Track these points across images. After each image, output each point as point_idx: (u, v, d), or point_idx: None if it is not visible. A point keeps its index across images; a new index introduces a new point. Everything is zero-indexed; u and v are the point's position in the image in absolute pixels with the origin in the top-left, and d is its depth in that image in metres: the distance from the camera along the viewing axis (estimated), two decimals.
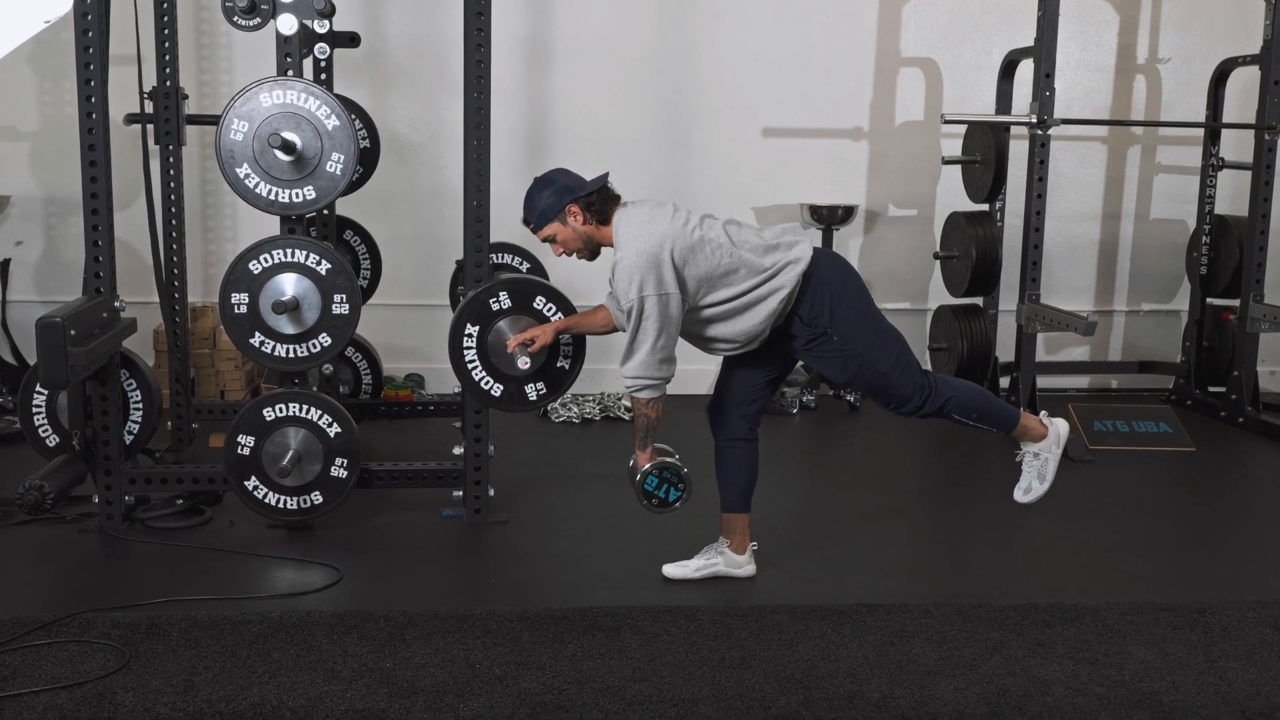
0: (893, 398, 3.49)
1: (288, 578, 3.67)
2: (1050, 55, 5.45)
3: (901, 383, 3.47)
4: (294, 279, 3.85)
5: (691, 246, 3.31)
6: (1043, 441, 3.65)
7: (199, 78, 5.92)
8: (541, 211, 3.44)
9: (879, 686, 2.96)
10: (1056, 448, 3.65)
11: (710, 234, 3.35)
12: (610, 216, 3.42)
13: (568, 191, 3.41)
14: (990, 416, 3.57)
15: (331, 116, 3.78)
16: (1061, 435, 3.66)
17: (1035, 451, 3.65)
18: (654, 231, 3.30)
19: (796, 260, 3.37)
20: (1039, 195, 5.53)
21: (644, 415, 3.45)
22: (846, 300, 3.41)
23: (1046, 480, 3.65)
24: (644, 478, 3.53)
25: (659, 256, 3.27)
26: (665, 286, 3.28)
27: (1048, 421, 3.67)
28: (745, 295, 3.36)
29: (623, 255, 3.33)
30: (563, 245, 3.48)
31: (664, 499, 3.55)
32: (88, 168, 3.81)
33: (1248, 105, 5.94)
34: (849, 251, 6.42)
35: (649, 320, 3.29)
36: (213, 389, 5.78)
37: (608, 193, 3.44)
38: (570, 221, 3.42)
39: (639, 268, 3.27)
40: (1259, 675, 3.08)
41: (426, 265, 5.98)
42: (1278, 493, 4.98)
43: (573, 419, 5.77)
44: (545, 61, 6.15)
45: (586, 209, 3.41)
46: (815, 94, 6.30)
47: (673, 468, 3.54)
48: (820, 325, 3.39)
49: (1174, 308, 6.70)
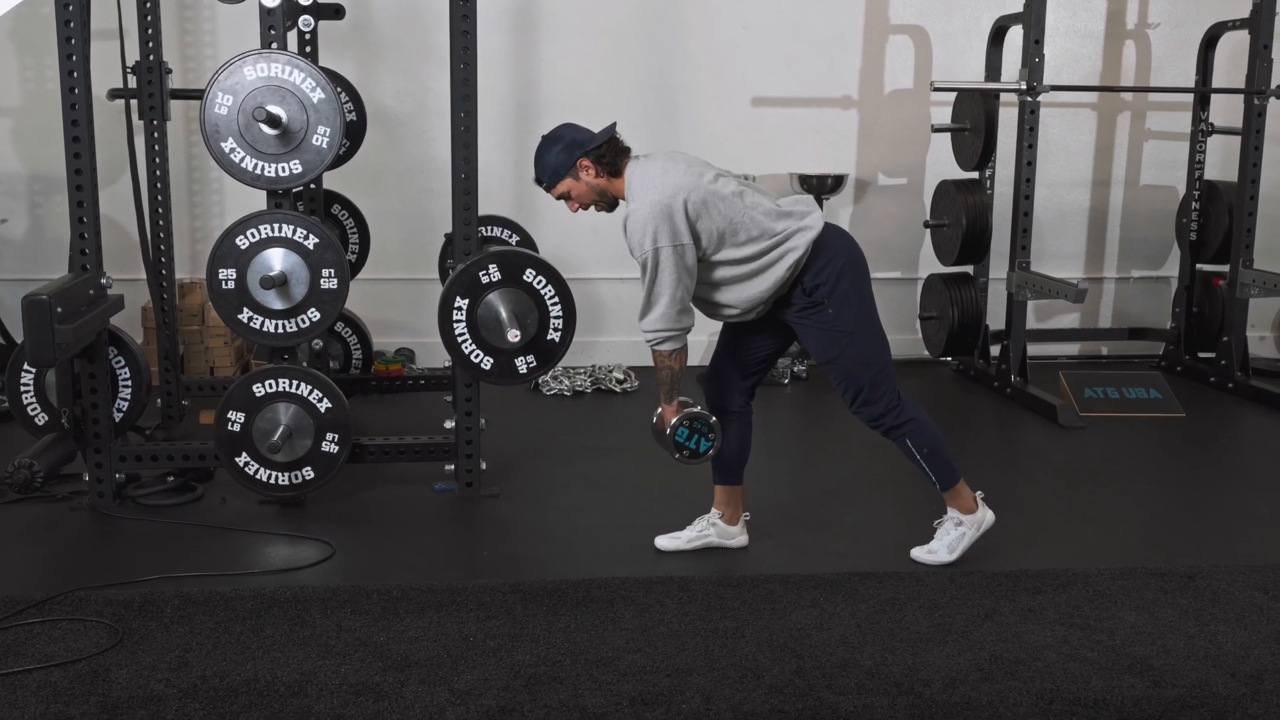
0: (864, 392, 3.43)
1: (280, 553, 3.67)
2: (1039, 21, 5.43)
3: (876, 383, 3.43)
4: (282, 254, 3.82)
5: (705, 200, 3.28)
6: (969, 516, 3.57)
7: (183, 52, 5.86)
8: (553, 169, 3.39)
9: (871, 654, 2.98)
10: (976, 530, 3.56)
11: (725, 190, 3.32)
12: (622, 168, 3.38)
13: (577, 146, 3.37)
14: (937, 461, 3.51)
15: (317, 89, 3.75)
16: (984, 523, 3.58)
17: (958, 520, 3.57)
18: (668, 183, 3.27)
19: (809, 228, 3.35)
20: (1029, 163, 5.51)
21: (667, 368, 3.40)
22: (850, 277, 3.38)
23: (955, 553, 3.55)
24: (674, 430, 3.47)
25: (672, 207, 3.24)
26: (680, 238, 3.24)
27: (980, 504, 3.60)
28: (756, 259, 3.32)
29: (635, 207, 3.29)
30: (578, 200, 3.43)
31: (695, 450, 3.49)
32: (71, 144, 3.77)
33: (1237, 70, 5.92)
34: (839, 220, 6.40)
35: (665, 272, 3.26)
36: (202, 365, 5.76)
37: (617, 144, 3.41)
38: (583, 176, 3.38)
39: (652, 218, 3.24)
40: (1249, 638, 3.10)
41: (415, 239, 5.96)
42: (1267, 457, 5.00)
43: (564, 391, 5.77)
44: (532, 32, 6.11)
45: (597, 162, 3.37)
46: (804, 63, 6.27)
47: (702, 417, 3.48)
48: (820, 295, 3.37)
49: (1164, 274, 6.70)
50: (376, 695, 2.73)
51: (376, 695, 2.73)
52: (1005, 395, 5.73)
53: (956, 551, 3.56)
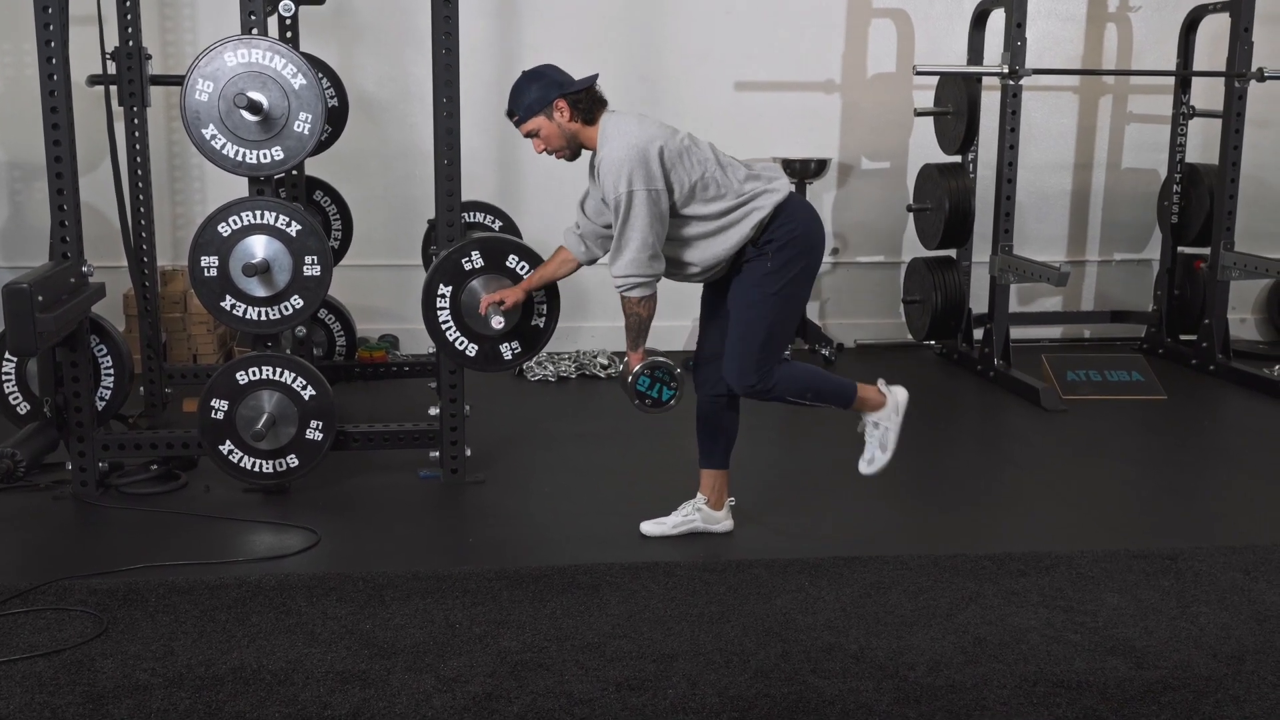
0: (745, 360, 3.41)
1: (265, 541, 3.66)
2: (1021, 5, 5.43)
3: (763, 354, 3.40)
4: (264, 241, 3.81)
5: (679, 151, 3.30)
6: (882, 410, 3.60)
7: (163, 38, 5.82)
8: (528, 105, 3.39)
9: (856, 638, 2.99)
10: (896, 415, 3.59)
11: (697, 147, 3.36)
12: (596, 118, 3.39)
13: (556, 86, 3.37)
14: (825, 395, 3.53)
15: (298, 75, 3.73)
16: (900, 403, 3.60)
17: (875, 421, 3.60)
18: (644, 131, 3.29)
19: (775, 190, 3.37)
20: (1011, 146, 5.53)
21: (635, 314, 3.41)
22: (800, 248, 3.39)
23: (888, 449, 3.59)
24: (636, 378, 3.48)
25: (648, 152, 3.25)
26: (654, 182, 3.25)
27: (886, 390, 3.62)
28: (723, 216, 3.35)
29: (610, 149, 3.29)
30: (545, 141, 3.43)
31: (657, 398, 3.50)
32: (50, 130, 3.74)
33: (1218, 53, 5.93)
34: (822, 205, 6.40)
35: (637, 215, 3.26)
36: (185, 353, 5.74)
37: (595, 93, 3.41)
38: (556, 117, 3.38)
39: (628, 160, 3.24)
40: (1230, 619, 3.12)
41: (399, 225, 5.93)
42: (1248, 439, 5.03)
43: (549, 377, 5.76)
44: (514, 17, 6.08)
45: (574, 106, 3.37)
46: (787, 47, 6.26)
47: (665, 366, 3.49)
48: (767, 249, 3.37)
49: (1145, 257, 6.73)
50: (363, 683, 2.73)
51: (363, 683, 2.73)
52: (988, 379, 5.76)
53: (889, 447, 3.60)
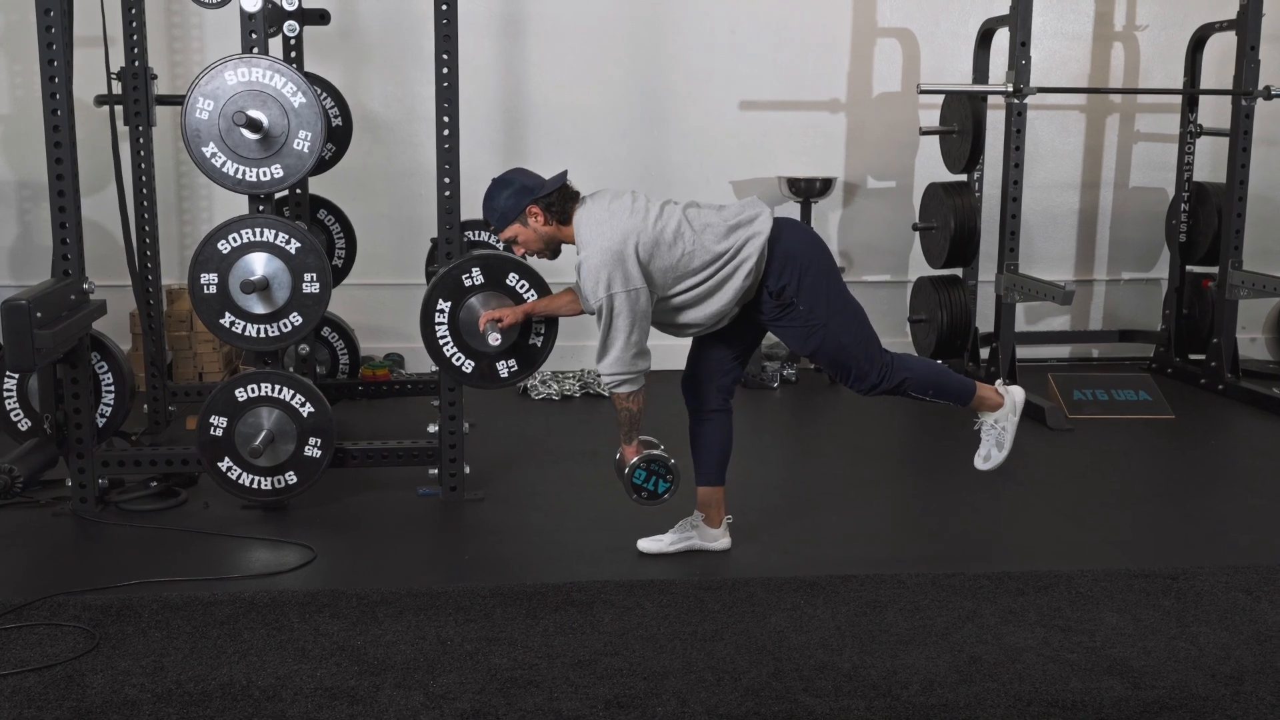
0: (853, 371, 3.50)
1: (261, 558, 3.66)
2: (1025, 23, 5.43)
3: (862, 357, 3.48)
4: (264, 258, 3.82)
5: (655, 240, 3.30)
6: (999, 410, 3.68)
7: (170, 58, 5.87)
8: (502, 213, 3.43)
9: (850, 656, 2.97)
10: (1014, 415, 3.68)
11: (671, 224, 3.34)
12: (571, 215, 3.41)
13: (527, 192, 3.40)
14: (947, 391, 3.60)
15: (298, 94, 3.75)
16: (1018, 402, 3.69)
17: (993, 421, 3.69)
18: (615, 228, 3.29)
19: (758, 233, 3.36)
20: (1016, 165, 5.51)
21: (625, 409, 3.45)
22: (814, 269, 3.40)
23: (1004, 447, 3.68)
24: (632, 471, 3.54)
25: (623, 253, 3.26)
26: (632, 282, 3.27)
27: (1004, 390, 3.69)
28: (712, 278, 3.35)
29: (587, 255, 3.32)
30: (524, 246, 3.48)
31: (653, 491, 3.58)
32: (52, 149, 3.77)
33: (1225, 71, 5.92)
34: (828, 224, 6.40)
35: (619, 318, 3.29)
36: (190, 371, 5.76)
37: (567, 191, 3.43)
38: (531, 223, 3.42)
39: (604, 265, 3.26)
40: (1230, 639, 3.09)
41: (404, 244, 5.95)
42: (1255, 458, 4.99)
43: (553, 396, 5.76)
44: (520, 37, 6.11)
45: (546, 209, 3.40)
46: (792, 66, 6.27)
47: (660, 460, 3.55)
48: (788, 296, 3.38)
49: (1154, 276, 6.70)
50: (351, 699, 2.72)
51: (351, 699, 2.72)
52: None
53: (1005, 445, 3.69)
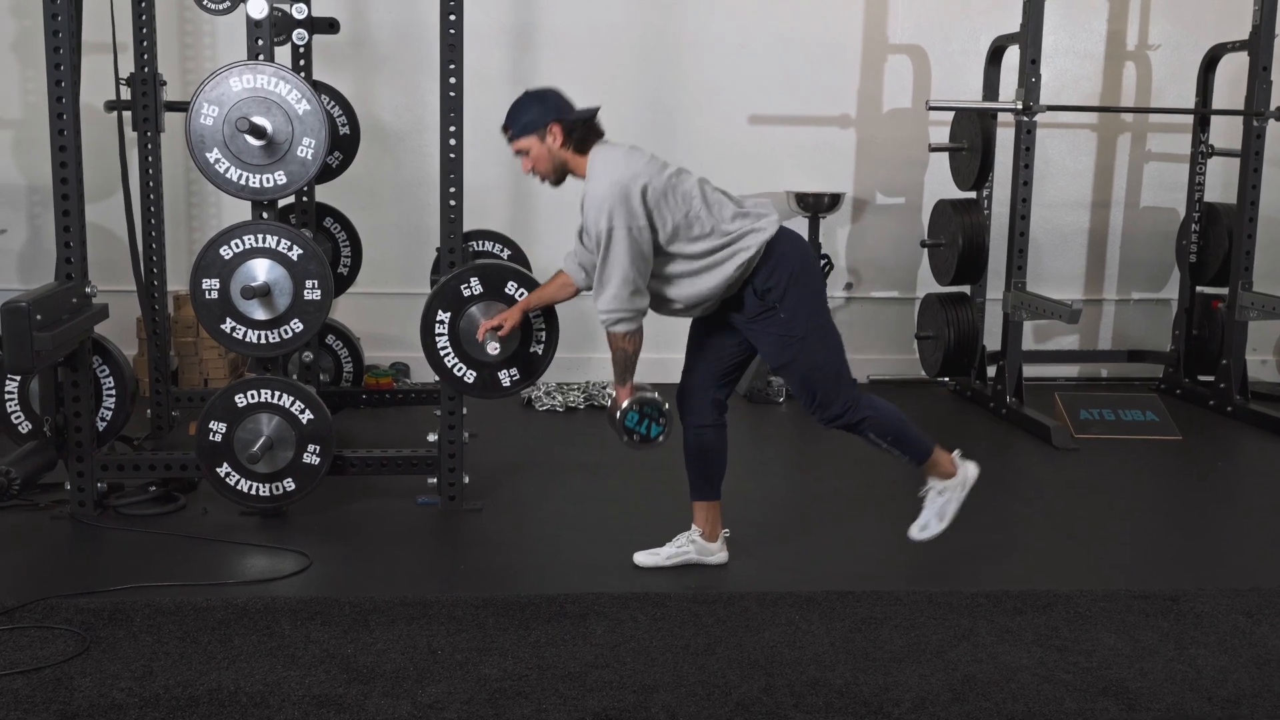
0: (818, 396, 3.43)
1: (257, 564, 3.65)
2: (1036, 41, 5.41)
3: (831, 383, 3.42)
4: (266, 264, 3.83)
5: (664, 190, 3.29)
6: (949, 480, 3.59)
7: (182, 65, 5.90)
8: (523, 123, 3.39)
9: (843, 673, 2.94)
10: (961, 490, 3.58)
11: (683, 185, 3.34)
12: (588, 148, 3.38)
13: (555, 110, 3.38)
14: (905, 443, 3.52)
15: (302, 101, 3.76)
16: (969, 478, 3.60)
17: (940, 489, 3.59)
18: (630, 167, 3.28)
19: (762, 229, 3.35)
20: (1025, 183, 5.49)
21: (621, 349, 3.39)
22: (803, 282, 3.38)
23: (945, 520, 3.58)
24: (624, 414, 3.45)
25: (630, 190, 3.24)
26: (635, 220, 3.24)
27: (959, 462, 3.61)
28: (708, 256, 3.32)
29: (594, 185, 3.29)
30: (533, 162, 3.43)
31: (645, 434, 3.48)
32: (57, 153, 3.78)
33: (1237, 92, 5.88)
34: (836, 240, 6.39)
35: (618, 252, 3.24)
36: (196, 377, 5.77)
37: (592, 125, 3.41)
38: (548, 140, 3.38)
39: (610, 197, 3.23)
40: (1229, 662, 3.05)
41: (411, 253, 5.95)
42: (1262, 480, 4.94)
43: (556, 407, 5.75)
44: (529, 49, 6.12)
45: (567, 133, 3.37)
46: (802, 81, 6.26)
47: (653, 403, 3.46)
48: (772, 299, 3.36)
49: (1164, 296, 6.66)
50: (339, 707, 2.70)
51: (339, 707, 2.70)
52: (1000, 416, 5.69)
53: (947, 518, 3.59)
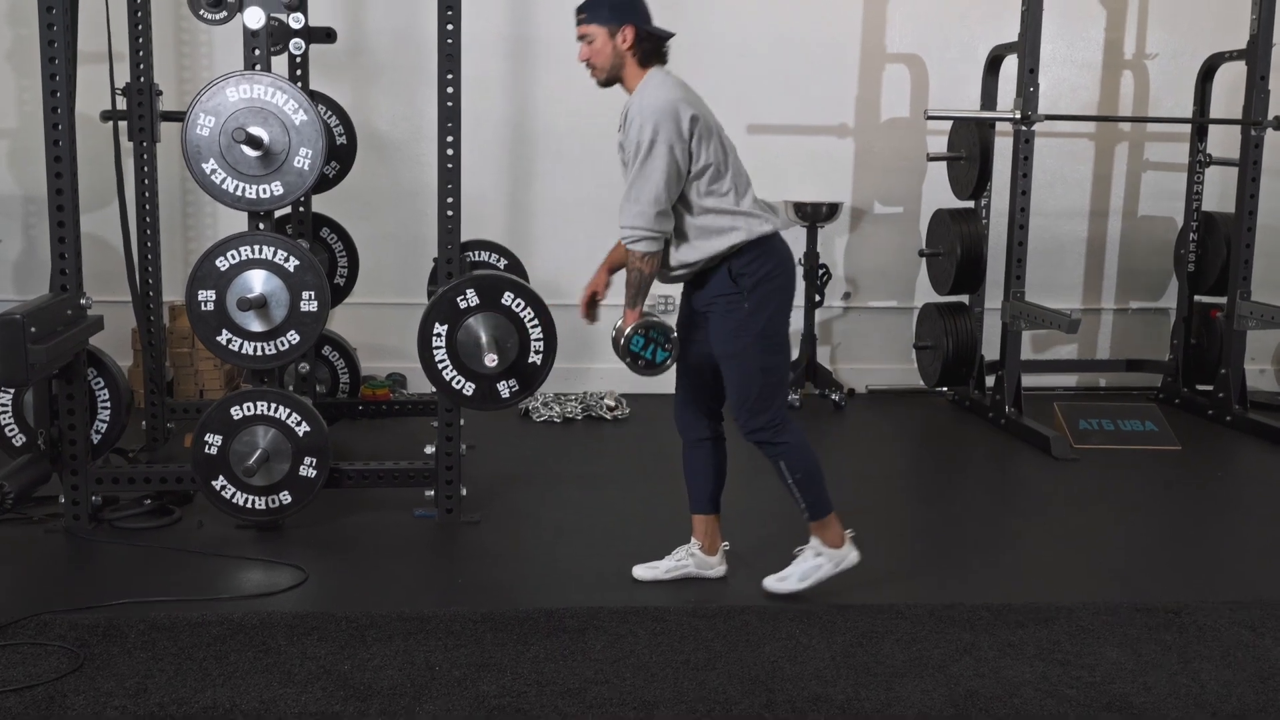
0: (749, 401, 3.36)
1: (253, 579, 3.62)
2: (1034, 51, 5.41)
3: (766, 395, 3.36)
4: (262, 275, 3.80)
5: (710, 130, 3.29)
6: (830, 550, 3.48)
7: (179, 74, 5.88)
8: (600, 11, 3.35)
9: (844, 688, 2.92)
10: (834, 566, 3.47)
11: (726, 140, 3.36)
12: (649, 65, 3.36)
13: (635, 14, 3.35)
14: (811, 489, 3.42)
15: (299, 111, 3.74)
16: (845, 562, 3.48)
17: (818, 551, 3.49)
18: (686, 94, 3.29)
19: (765, 222, 3.34)
20: (1023, 192, 5.48)
21: (637, 269, 3.33)
22: (778, 286, 3.36)
23: (806, 582, 3.47)
24: (630, 338, 3.38)
25: (680, 111, 3.23)
26: (680, 139, 3.22)
27: (848, 541, 3.51)
28: (707, 217, 3.30)
29: (646, 97, 3.27)
30: (591, 52, 3.38)
31: (650, 359, 3.40)
32: (52, 164, 3.76)
33: (1235, 101, 5.88)
34: (834, 249, 6.37)
35: (655, 166, 3.21)
36: (192, 388, 5.74)
37: (662, 46, 3.39)
38: (616, 38, 3.34)
39: (660, 111, 3.22)
40: (1233, 676, 3.03)
41: (408, 263, 5.93)
42: (1262, 490, 4.92)
43: (554, 418, 5.72)
44: (529, 59, 6.11)
45: (638, 40, 3.33)
46: (800, 90, 6.25)
47: (660, 326, 3.39)
48: (743, 284, 3.32)
49: (1162, 305, 6.65)
50: None
51: None
52: (1000, 426, 5.67)
53: (808, 581, 3.48)
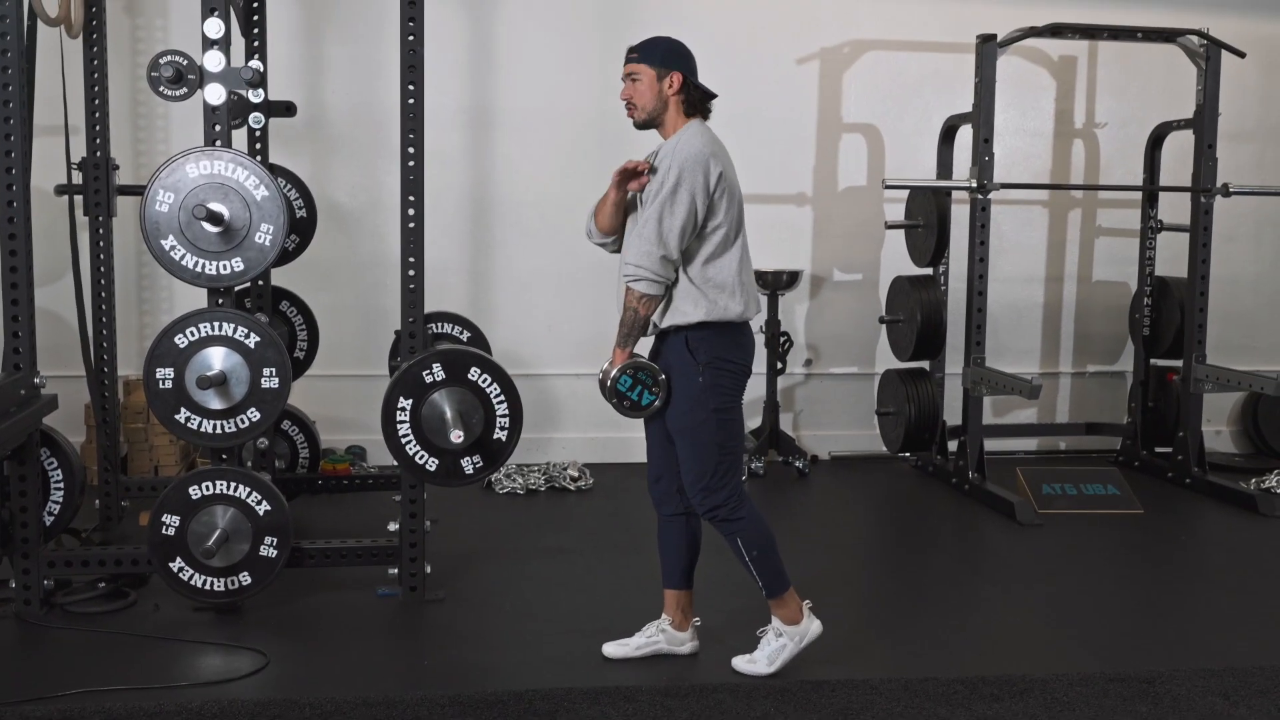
0: (705, 479, 3.35)
1: (212, 664, 3.52)
2: (988, 121, 5.50)
3: (721, 471, 3.35)
4: (222, 352, 3.74)
5: (732, 191, 3.33)
6: (789, 628, 3.46)
7: (135, 147, 5.83)
8: (658, 56, 3.37)
9: None
10: (798, 643, 3.45)
11: (742, 213, 3.40)
12: (691, 116, 3.40)
13: (686, 64, 3.40)
14: (766, 566, 3.42)
15: (260, 187, 3.71)
16: (810, 633, 3.47)
17: (779, 631, 3.46)
18: (719, 152, 3.34)
19: (744, 308, 3.35)
20: (981, 259, 5.55)
21: (632, 310, 3.32)
22: (735, 369, 3.37)
23: (774, 665, 3.43)
24: (616, 379, 3.36)
25: (710, 165, 3.27)
26: (703, 191, 3.26)
27: (807, 614, 3.49)
28: (686, 285, 3.32)
29: (683, 143, 3.31)
30: (635, 91, 3.40)
31: (636, 401, 3.38)
32: (6, 241, 3.70)
33: (1184, 167, 6.00)
34: (794, 316, 6.41)
35: (673, 210, 3.24)
36: (146, 464, 5.63)
37: (706, 101, 3.45)
38: (663, 84, 3.37)
39: (690, 158, 3.26)
40: None
41: (368, 335, 5.87)
42: (1226, 555, 4.95)
43: (517, 490, 5.66)
44: (489, 129, 6.12)
45: (685, 90, 3.38)
46: (759, 159, 6.28)
47: (649, 369, 3.37)
48: (699, 358, 3.32)
49: (1118, 369, 6.73)
50: None
51: None
52: (963, 491, 5.68)
53: (776, 664, 3.44)
